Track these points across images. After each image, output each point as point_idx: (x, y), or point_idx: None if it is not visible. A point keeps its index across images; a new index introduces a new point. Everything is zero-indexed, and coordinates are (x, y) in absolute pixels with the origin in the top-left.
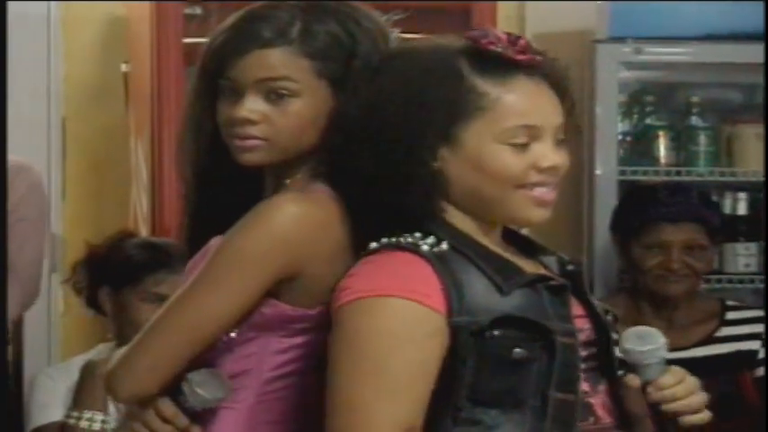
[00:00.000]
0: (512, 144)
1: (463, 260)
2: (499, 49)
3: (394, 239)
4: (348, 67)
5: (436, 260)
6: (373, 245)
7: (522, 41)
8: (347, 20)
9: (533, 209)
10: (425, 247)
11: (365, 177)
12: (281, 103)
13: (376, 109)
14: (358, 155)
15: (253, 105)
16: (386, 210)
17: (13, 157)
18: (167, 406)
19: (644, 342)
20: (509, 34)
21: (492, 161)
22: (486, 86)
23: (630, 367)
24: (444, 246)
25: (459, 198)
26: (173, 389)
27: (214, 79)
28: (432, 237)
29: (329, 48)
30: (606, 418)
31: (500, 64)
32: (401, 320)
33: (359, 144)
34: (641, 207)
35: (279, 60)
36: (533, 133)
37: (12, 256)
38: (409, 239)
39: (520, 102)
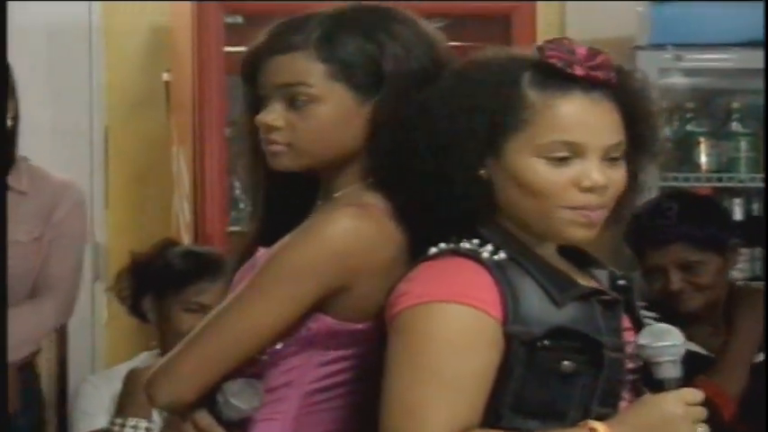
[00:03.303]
0: (549, 159)
1: (520, 270)
2: (559, 63)
3: (453, 245)
4: (376, 73)
5: (495, 268)
6: (433, 250)
7: (599, 57)
8: (376, 28)
9: (577, 229)
10: (485, 255)
11: (413, 181)
12: (303, 108)
13: (432, 108)
14: (408, 158)
15: (275, 111)
16: (434, 215)
17: (61, 176)
18: (202, 416)
19: (659, 339)
20: (590, 49)
21: (528, 175)
22: (536, 99)
23: (646, 364)
24: (503, 254)
25: (507, 209)
26: (210, 401)
27: (251, 88)
28: (490, 244)
29: (349, 54)
30: None
31: (560, 77)
32: (461, 327)
33: (409, 147)
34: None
35: (294, 66)
36: (575, 150)
37: (51, 271)
38: (468, 246)
39: (563, 117)
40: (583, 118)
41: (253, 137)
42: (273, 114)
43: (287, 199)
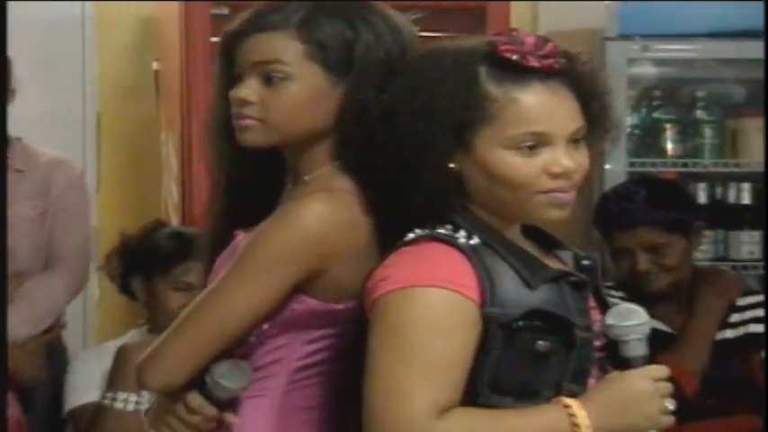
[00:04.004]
0: (518, 149)
1: (493, 254)
2: (514, 57)
3: (429, 231)
4: (346, 57)
5: (471, 252)
6: (410, 235)
7: (548, 46)
8: (353, 15)
9: (551, 210)
10: (461, 240)
11: (383, 174)
12: (277, 86)
13: (395, 109)
14: (377, 152)
15: (249, 87)
16: (403, 206)
17: (53, 152)
18: (193, 398)
19: (626, 318)
20: (538, 38)
21: (500, 167)
22: (498, 93)
23: (613, 342)
24: (476, 239)
25: (478, 197)
26: (199, 382)
27: (228, 66)
28: (463, 230)
29: (328, 37)
30: None
31: (516, 70)
32: (441, 311)
33: (378, 142)
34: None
35: (273, 44)
36: (542, 139)
37: (58, 246)
38: (444, 231)
39: (528, 109)
40: (546, 108)
41: (223, 115)
42: (248, 89)
43: (253, 179)
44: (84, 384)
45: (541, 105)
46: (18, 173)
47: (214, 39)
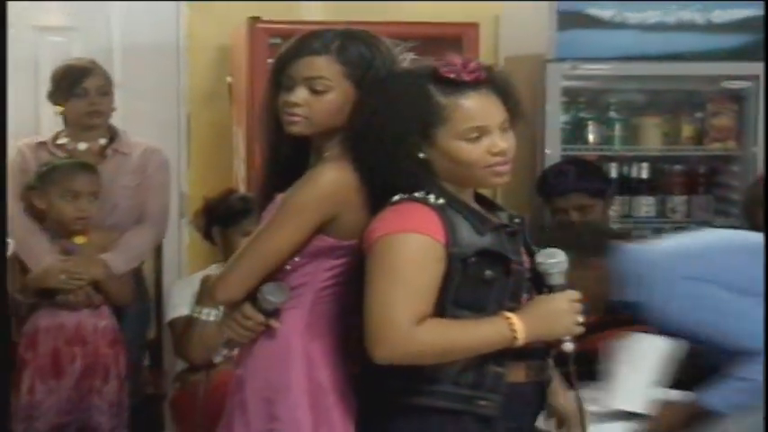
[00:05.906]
0: (467, 139)
1: (453, 211)
2: (452, 75)
3: (408, 195)
4: (366, 74)
5: (439, 209)
6: (395, 198)
7: (473, 64)
8: (371, 43)
9: (494, 178)
10: (432, 200)
11: (371, 164)
12: (320, 94)
13: (375, 119)
14: (365, 149)
15: (300, 94)
16: (388, 185)
17: (149, 142)
18: (247, 308)
19: (550, 258)
20: (465, 59)
21: (456, 153)
22: (446, 102)
23: (541, 275)
24: (441, 200)
25: (443, 174)
26: (252, 297)
27: (280, 76)
28: (432, 195)
29: (356, 59)
30: None
31: (454, 83)
32: (418, 249)
33: (365, 142)
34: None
35: (321, 65)
36: (482, 130)
37: (149, 207)
38: (418, 195)
39: (469, 110)
40: (481, 108)
41: (273, 112)
42: (299, 96)
43: (289, 156)
44: (179, 302)
45: (477, 107)
46: (124, 155)
47: (271, 60)
